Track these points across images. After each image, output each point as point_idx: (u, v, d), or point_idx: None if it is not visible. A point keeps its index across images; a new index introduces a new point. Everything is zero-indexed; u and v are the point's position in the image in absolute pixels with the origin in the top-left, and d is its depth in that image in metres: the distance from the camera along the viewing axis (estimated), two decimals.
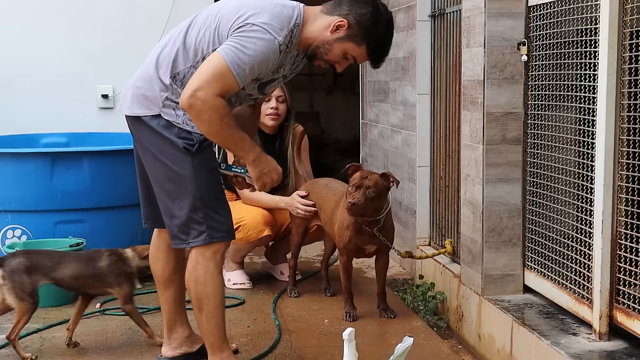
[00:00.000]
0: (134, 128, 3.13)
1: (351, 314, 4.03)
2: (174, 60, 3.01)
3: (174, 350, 3.39)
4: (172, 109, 3.01)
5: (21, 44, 5.81)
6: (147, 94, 3.03)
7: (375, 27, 2.99)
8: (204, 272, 3.06)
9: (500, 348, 3.43)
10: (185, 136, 3.01)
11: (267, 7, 2.95)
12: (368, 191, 3.80)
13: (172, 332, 3.40)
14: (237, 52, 2.86)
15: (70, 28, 5.85)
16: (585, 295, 3.11)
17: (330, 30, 2.98)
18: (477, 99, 3.62)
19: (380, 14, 3.01)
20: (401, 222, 5.09)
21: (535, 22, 3.46)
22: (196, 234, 3.04)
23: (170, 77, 3.01)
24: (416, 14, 4.69)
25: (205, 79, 2.84)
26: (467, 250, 3.80)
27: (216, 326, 3.10)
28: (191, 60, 3.00)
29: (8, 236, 4.54)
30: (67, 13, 5.85)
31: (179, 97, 2.92)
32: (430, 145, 4.70)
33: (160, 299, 3.42)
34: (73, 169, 4.55)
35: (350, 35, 2.99)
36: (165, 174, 3.06)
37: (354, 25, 2.98)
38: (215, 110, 2.85)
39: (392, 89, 5.26)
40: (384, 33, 3.02)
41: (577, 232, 3.20)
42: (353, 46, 3.01)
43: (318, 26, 3.01)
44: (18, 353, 3.52)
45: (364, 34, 2.99)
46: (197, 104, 2.83)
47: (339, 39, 2.99)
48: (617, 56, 2.90)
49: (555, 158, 3.37)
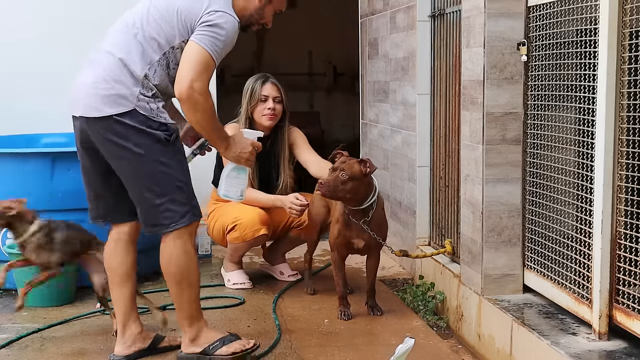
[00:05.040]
0: (100, 130, 3.23)
1: (345, 312, 4.05)
2: (142, 56, 3.23)
3: (128, 348, 3.50)
4: (146, 103, 3.22)
5: (21, 44, 5.81)
6: (120, 93, 3.20)
7: None
8: (183, 252, 3.30)
9: (500, 348, 3.43)
10: (163, 128, 3.24)
11: None
12: (341, 173, 3.84)
13: (125, 329, 3.51)
14: (213, 40, 3.19)
15: (70, 28, 5.84)
16: (584, 295, 3.12)
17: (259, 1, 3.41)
18: (477, 99, 3.62)
19: None
20: (401, 222, 5.09)
21: (535, 22, 3.47)
22: (180, 215, 3.28)
23: (144, 71, 3.21)
24: (416, 14, 4.69)
25: (196, 71, 3.16)
26: (467, 250, 3.80)
27: (195, 299, 3.39)
28: (157, 53, 3.24)
29: (8, 236, 4.53)
30: (67, 13, 5.85)
31: (150, 91, 3.21)
32: (430, 145, 4.70)
33: (115, 297, 3.52)
34: (73, 169, 4.53)
35: None
36: (148, 167, 3.24)
37: None
38: (206, 100, 3.21)
39: (392, 89, 5.26)
40: None
41: (577, 232, 3.20)
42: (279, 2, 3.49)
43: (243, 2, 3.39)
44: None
45: None
46: (195, 95, 3.16)
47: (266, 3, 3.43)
48: (616, 56, 2.90)
49: (555, 158, 3.37)
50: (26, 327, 3.99)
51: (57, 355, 3.63)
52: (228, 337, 3.44)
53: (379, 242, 4.02)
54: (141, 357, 3.51)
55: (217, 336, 3.43)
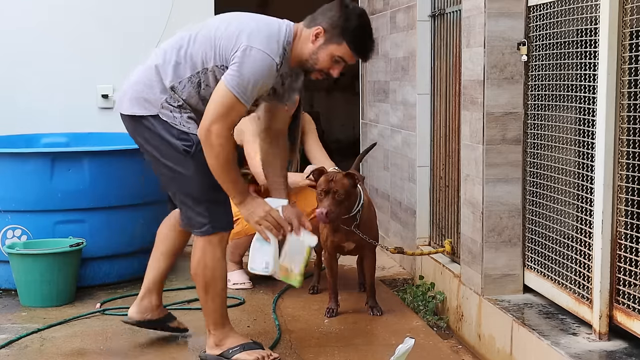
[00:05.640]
0: (130, 127, 3.36)
1: (331, 310, 4.08)
2: (175, 69, 3.25)
3: (141, 314, 3.67)
4: (170, 111, 3.26)
5: (21, 44, 5.81)
6: (147, 97, 3.27)
7: (347, 22, 3.19)
8: (212, 258, 3.33)
9: (500, 348, 3.43)
10: (183, 137, 3.25)
11: (263, 29, 3.20)
12: (336, 195, 3.82)
13: (145, 297, 3.67)
14: (240, 80, 3.11)
15: (70, 28, 5.85)
16: (585, 295, 3.11)
17: (312, 41, 3.21)
18: (477, 99, 3.62)
19: (349, 11, 3.22)
20: (401, 222, 5.09)
21: (535, 22, 3.46)
22: (199, 225, 3.32)
23: (172, 83, 3.25)
24: (416, 14, 4.69)
25: (219, 113, 3.11)
26: (467, 250, 3.80)
27: (220, 305, 3.43)
28: (190, 70, 3.24)
29: (8, 236, 4.54)
30: (67, 13, 5.85)
31: (176, 102, 3.24)
32: (430, 145, 4.70)
33: (152, 264, 3.67)
34: (73, 169, 4.54)
35: (329, 38, 3.20)
36: (167, 173, 3.32)
37: (328, 28, 3.20)
38: (223, 145, 3.12)
39: (392, 89, 5.26)
40: (358, 25, 3.21)
41: (577, 232, 3.20)
42: (335, 47, 3.21)
43: (302, 42, 3.24)
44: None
45: (340, 33, 3.19)
46: (211, 138, 3.11)
47: (321, 45, 3.21)
48: (617, 56, 2.90)
49: (555, 158, 3.37)
50: (26, 327, 3.98)
51: (57, 355, 3.63)
52: (250, 344, 3.45)
53: (371, 236, 4.03)
54: (149, 327, 3.71)
55: (239, 341, 3.45)
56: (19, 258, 4.34)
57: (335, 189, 3.83)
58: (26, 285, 4.35)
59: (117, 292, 4.59)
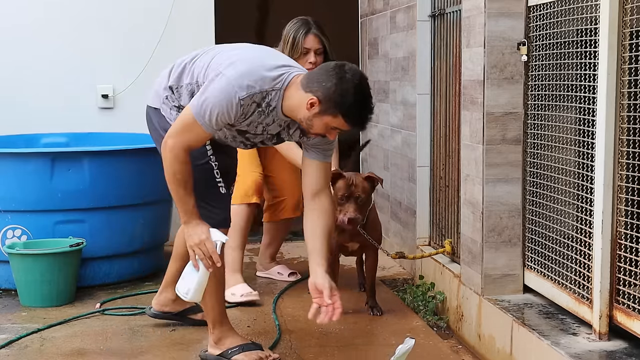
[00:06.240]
0: (146, 116, 3.52)
1: None
2: (179, 74, 3.36)
3: (161, 307, 3.91)
4: (169, 108, 3.38)
5: (21, 44, 5.81)
6: (157, 90, 3.43)
7: (343, 97, 3.03)
8: None
9: (500, 348, 3.43)
10: None
11: (249, 62, 3.14)
12: (359, 200, 3.82)
13: (164, 291, 3.88)
14: (200, 103, 3.10)
15: (70, 28, 5.84)
16: (585, 295, 3.11)
17: (307, 108, 3.07)
18: (477, 99, 3.62)
19: (346, 82, 3.04)
20: (401, 222, 5.09)
21: (535, 22, 3.46)
22: None
23: (172, 84, 3.36)
24: (416, 14, 4.69)
25: (176, 129, 3.16)
26: (467, 250, 3.80)
27: (217, 303, 3.46)
28: (188, 79, 3.30)
29: (8, 236, 4.54)
30: (67, 13, 5.84)
31: (173, 102, 3.35)
32: (430, 145, 4.70)
33: (172, 262, 3.84)
34: (73, 169, 4.54)
35: (324, 110, 3.06)
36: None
37: (323, 100, 3.04)
38: (173, 160, 3.14)
39: (392, 89, 5.26)
40: (353, 99, 3.05)
41: (577, 232, 3.20)
42: (330, 118, 3.07)
43: (296, 101, 3.11)
44: None
45: (335, 106, 3.04)
46: (165, 150, 3.16)
47: (316, 114, 3.07)
48: (617, 56, 2.90)
49: (555, 158, 3.37)
50: (26, 327, 3.99)
51: (57, 355, 3.63)
52: (249, 345, 3.46)
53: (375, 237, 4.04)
54: (170, 319, 3.93)
55: (238, 342, 3.46)
56: (19, 258, 4.34)
57: (357, 193, 3.83)
58: (26, 285, 4.35)
59: (117, 292, 4.59)
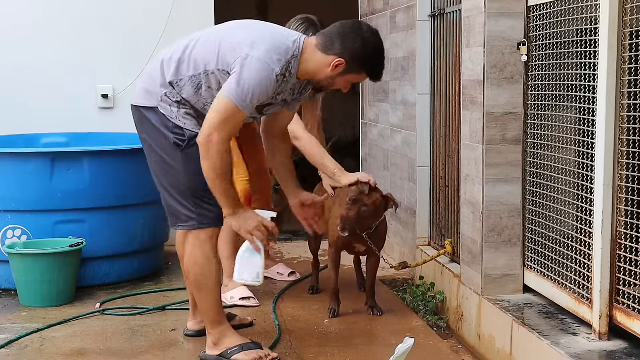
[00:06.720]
0: (135, 117, 3.46)
1: (334, 310, 4.06)
2: (177, 66, 3.33)
3: (199, 324, 3.75)
4: (168, 105, 3.34)
5: (21, 44, 5.81)
6: (149, 89, 3.38)
7: (368, 57, 3.31)
8: (201, 255, 3.39)
9: (500, 348, 3.43)
10: (177, 132, 3.33)
11: (268, 38, 3.24)
12: (363, 208, 3.81)
13: (196, 310, 3.76)
14: (239, 89, 3.15)
15: (70, 28, 5.84)
16: (585, 295, 3.11)
17: (331, 69, 3.27)
18: (477, 99, 3.62)
19: (369, 42, 3.30)
20: (401, 222, 5.09)
21: (535, 22, 3.46)
22: (185, 219, 3.39)
23: (172, 79, 3.32)
24: (416, 14, 4.69)
25: (219, 121, 3.16)
26: (467, 250, 3.80)
27: (215, 302, 3.46)
28: (192, 70, 3.30)
29: (8, 236, 4.54)
30: (67, 13, 5.84)
31: (175, 97, 3.32)
32: (430, 145, 4.70)
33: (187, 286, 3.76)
34: (73, 169, 4.55)
35: (350, 69, 3.29)
36: (159, 163, 3.41)
37: (350, 60, 3.27)
38: (218, 155, 3.18)
39: (392, 89, 5.26)
40: (377, 55, 3.33)
41: (577, 232, 3.20)
42: (354, 76, 3.35)
43: (316, 63, 3.29)
44: None
45: (361, 64, 3.31)
46: (211, 146, 3.17)
47: (341, 73, 3.29)
48: (617, 56, 2.90)
49: (555, 158, 3.37)
50: (26, 327, 3.99)
51: (57, 355, 3.63)
52: (249, 344, 3.46)
53: (379, 246, 4.03)
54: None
55: (238, 342, 3.46)
56: (19, 258, 4.34)
57: (365, 202, 3.82)
58: (26, 285, 4.35)
59: (117, 292, 4.59)
